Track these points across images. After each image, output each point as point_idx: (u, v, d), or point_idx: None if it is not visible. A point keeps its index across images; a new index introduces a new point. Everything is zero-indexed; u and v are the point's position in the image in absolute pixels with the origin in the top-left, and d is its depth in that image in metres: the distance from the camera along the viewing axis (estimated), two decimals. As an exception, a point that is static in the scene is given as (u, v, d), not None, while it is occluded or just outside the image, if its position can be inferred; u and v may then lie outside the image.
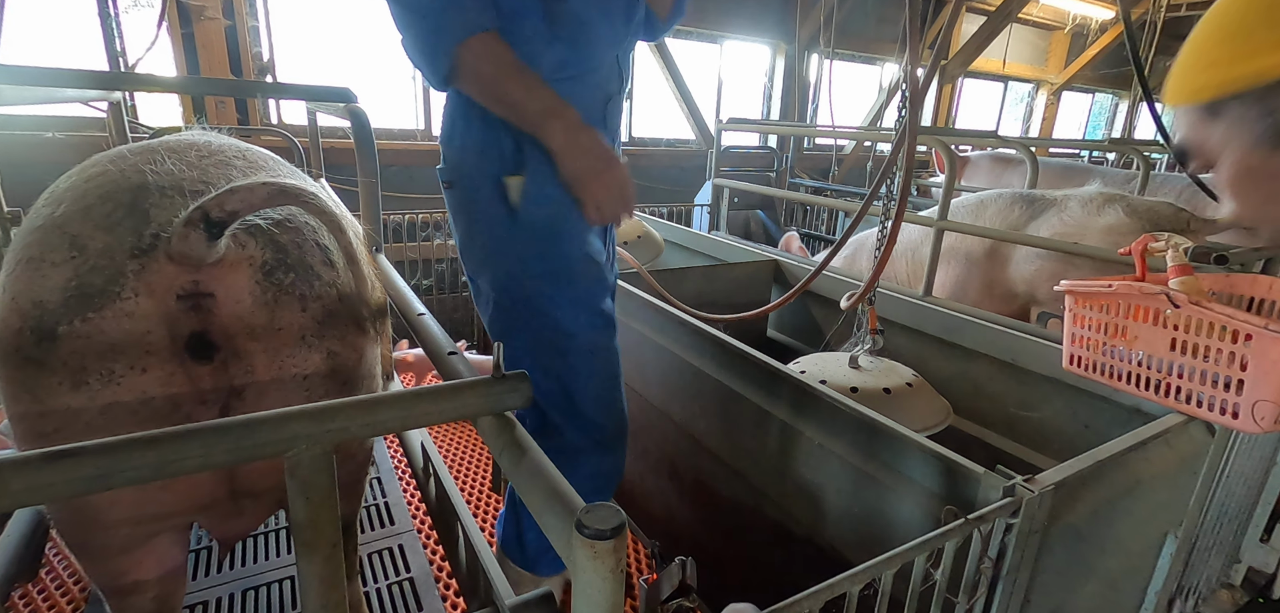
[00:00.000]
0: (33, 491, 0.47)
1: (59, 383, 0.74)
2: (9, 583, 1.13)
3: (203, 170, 0.90)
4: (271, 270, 0.85)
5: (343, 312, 0.92)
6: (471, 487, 2.23)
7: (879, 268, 1.44)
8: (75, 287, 0.76)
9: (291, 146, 3.16)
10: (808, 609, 0.76)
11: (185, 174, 0.87)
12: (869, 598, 0.82)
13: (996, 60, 7.53)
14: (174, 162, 0.88)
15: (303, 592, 0.62)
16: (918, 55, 1.57)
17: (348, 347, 0.93)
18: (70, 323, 0.74)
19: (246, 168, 0.95)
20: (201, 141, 0.97)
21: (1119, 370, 1.26)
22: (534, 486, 0.59)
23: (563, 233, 1.26)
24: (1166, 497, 1.29)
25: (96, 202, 0.81)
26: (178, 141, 0.95)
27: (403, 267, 3.55)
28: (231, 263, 0.82)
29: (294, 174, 1.05)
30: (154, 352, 0.77)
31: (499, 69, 1.11)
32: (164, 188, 0.84)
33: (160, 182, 0.85)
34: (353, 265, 0.98)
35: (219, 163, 0.93)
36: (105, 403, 0.75)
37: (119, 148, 0.94)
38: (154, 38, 3.49)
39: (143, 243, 0.79)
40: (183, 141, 0.95)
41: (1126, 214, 2.25)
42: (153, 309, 0.77)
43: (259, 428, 0.54)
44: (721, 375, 1.54)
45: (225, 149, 0.97)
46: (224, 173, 0.91)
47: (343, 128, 1.69)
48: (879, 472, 1.17)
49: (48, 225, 0.80)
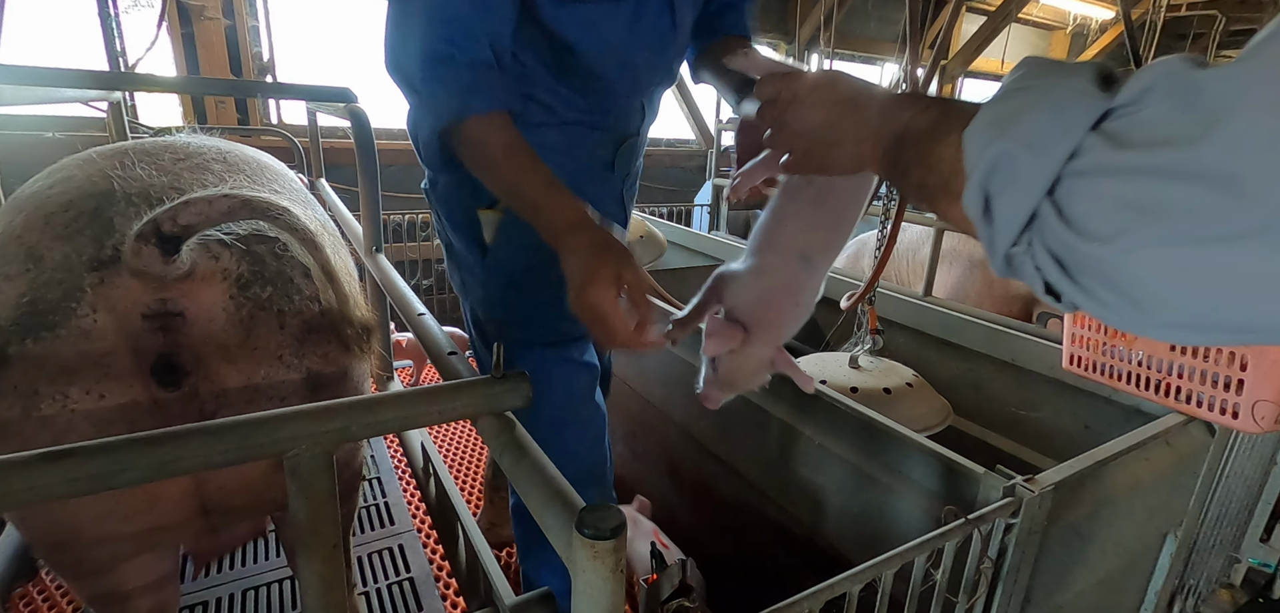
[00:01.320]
0: (33, 491, 0.47)
1: (9, 407, 0.68)
2: (9, 583, 1.12)
3: (175, 176, 0.82)
4: (247, 284, 0.78)
5: (324, 326, 0.86)
6: (471, 487, 2.23)
7: (879, 268, 1.44)
8: (27, 302, 0.69)
9: (291, 146, 3.16)
10: (808, 609, 0.76)
11: (154, 180, 0.80)
12: (869, 598, 0.82)
13: (996, 60, 7.53)
14: (145, 166, 0.82)
15: (303, 592, 0.62)
16: (918, 55, 1.57)
17: (330, 364, 0.86)
18: (21, 342, 0.68)
19: (225, 171, 0.89)
20: (180, 144, 0.90)
21: (1119, 370, 1.26)
22: (534, 486, 0.59)
23: (536, 281, 1.09)
24: (1166, 497, 1.29)
25: (57, 209, 0.75)
26: (154, 145, 0.89)
27: (403, 267, 3.55)
28: (203, 277, 0.75)
29: (282, 177, 0.99)
30: (114, 376, 0.70)
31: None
32: (130, 195, 0.77)
33: (127, 188, 0.78)
34: (332, 281, 0.90)
35: (195, 167, 0.86)
36: (58, 431, 0.69)
37: (90, 151, 0.88)
38: (154, 38, 3.49)
39: (103, 254, 0.72)
40: (159, 145, 0.89)
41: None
42: (113, 328, 0.71)
43: (259, 428, 0.54)
44: (721, 375, 1.53)
45: (204, 152, 0.91)
46: (198, 178, 0.85)
47: (343, 128, 1.69)
48: (879, 472, 1.17)
49: (5, 235, 0.74)
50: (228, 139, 1.08)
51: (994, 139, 0.45)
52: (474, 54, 0.86)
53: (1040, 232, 0.42)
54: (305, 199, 1.01)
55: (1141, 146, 0.36)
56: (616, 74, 1.00)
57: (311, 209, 1.08)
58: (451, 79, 0.85)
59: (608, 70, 0.99)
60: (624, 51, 0.97)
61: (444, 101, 0.86)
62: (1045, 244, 0.42)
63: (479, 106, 0.86)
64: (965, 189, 0.47)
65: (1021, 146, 0.42)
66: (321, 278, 0.87)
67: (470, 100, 0.86)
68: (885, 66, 6.98)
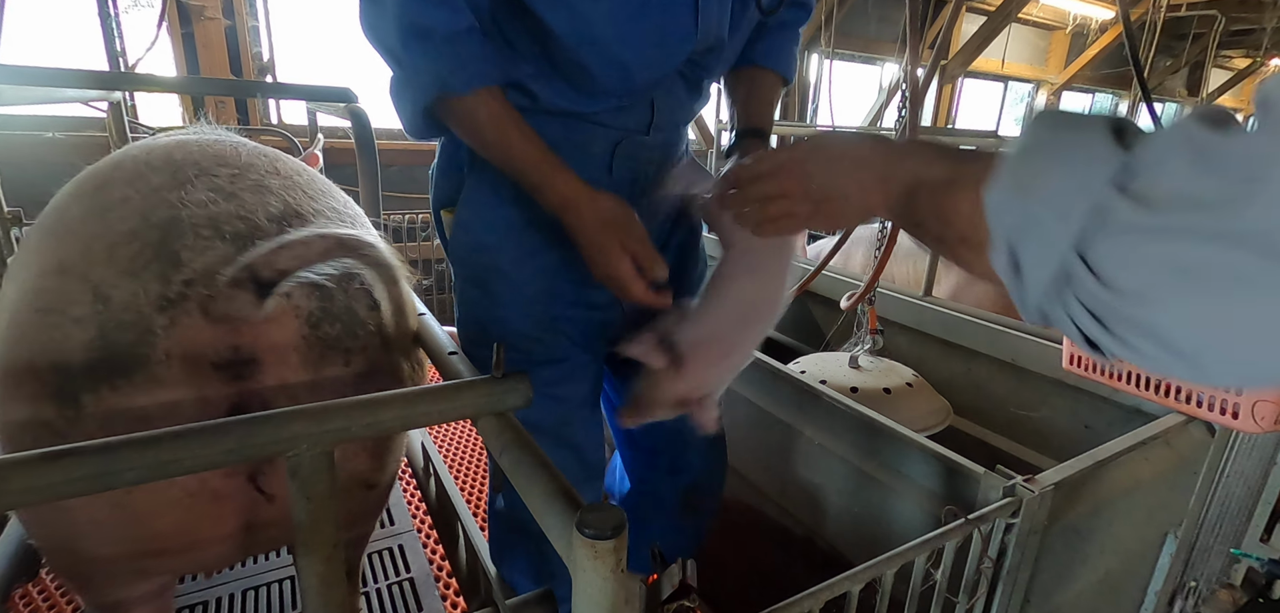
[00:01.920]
0: (33, 491, 0.47)
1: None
2: (9, 583, 1.12)
3: (238, 201, 0.76)
4: (318, 322, 0.74)
5: (385, 366, 0.82)
6: (471, 487, 2.23)
7: (879, 268, 1.44)
8: (99, 346, 0.64)
9: (292, 147, 3.16)
10: (808, 609, 0.76)
11: (219, 208, 0.74)
12: (869, 598, 0.82)
13: (996, 60, 7.53)
14: (205, 187, 0.75)
15: (303, 592, 0.62)
16: (918, 55, 1.57)
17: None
18: (96, 391, 0.64)
19: (283, 188, 0.82)
20: (230, 150, 0.84)
21: (1119, 370, 1.26)
22: (534, 486, 0.59)
23: (496, 296, 1.00)
24: (1166, 497, 1.29)
25: (121, 240, 0.69)
26: (203, 155, 0.81)
27: (403, 267, 3.55)
28: (276, 317, 0.70)
29: (331, 191, 0.92)
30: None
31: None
32: (197, 224, 0.72)
33: (193, 216, 0.72)
34: (400, 316, 0.86)
35: (253, 187, 0.80)
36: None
37: (133, 158, 0.80)
38: (154, 38, 3.49)
39: (170, 292, 0.66)
40: (209, 155, 0.81)
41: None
42: (182, 377, 0.66)
43: (260, 428, 0.54)
44: (721, 375, 1.54)
45: (256, 165, 0.84)
46: (261, 201, 0.78)
47: (343, 128, 1.69)
48: (879, 472, 1.17)
49: (63, 265, 0.68)
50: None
51: (1016, 199, 0.47)
52: (454, 24, 0.80)
53: (1074, 288, 0.43)
54: (354, 215, 0.95)
55: (1172, 208, 0.38)
56: (601, 69, 0.89)
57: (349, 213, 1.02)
58: (431, 54, 0.80)
59: (591, 63, 0.88)
60: (612, 47, 0.86)
61: (426, 78, 0.82)
62: (1080, 300, 0.43)
63: (460, 86, 0.82)
64: (991, 250, 0.49)
65: (1044, 207, 0.44)
66: (391, 314, 0.82)
67: (452, 78, 0.81)
68: (885, 66, 6.98)
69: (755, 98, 1.07)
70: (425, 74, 0.81)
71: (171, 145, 0.82)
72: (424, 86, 0.82)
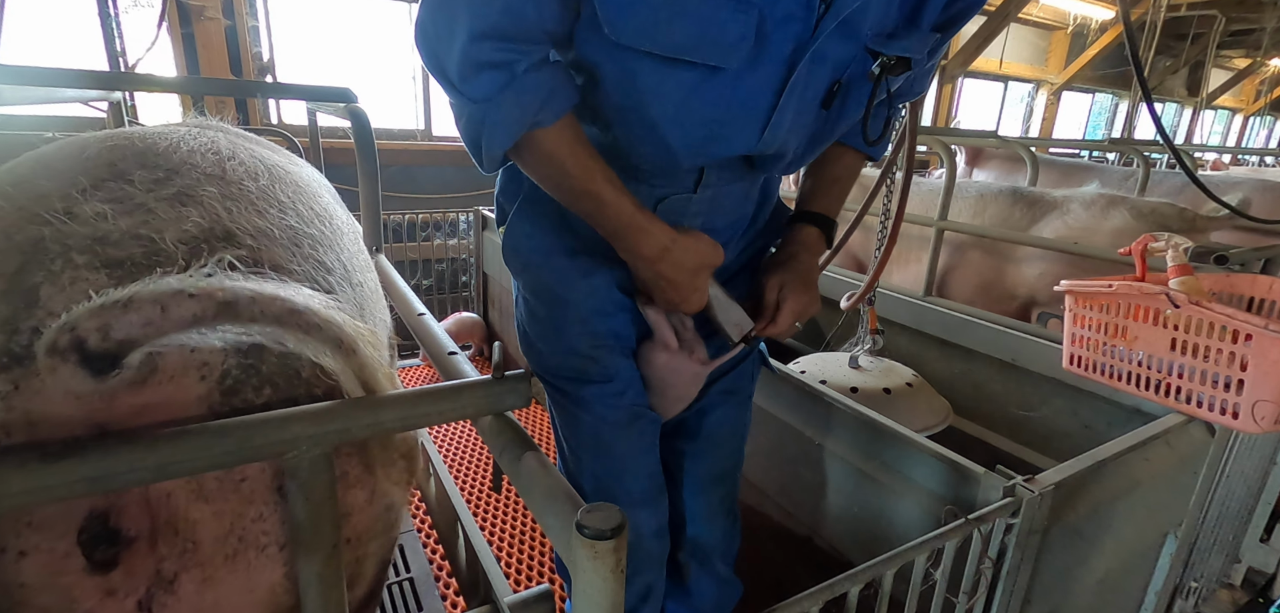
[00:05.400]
0: (32, 491, 0.46)
1: None
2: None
3: (146, 215, 0.56)
4: (236, 387, 0.54)
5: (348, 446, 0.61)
6: (471, 487, 2.23)
7: (879, 268, 1.44)
8: None
9: (292, 147, 3.16)
10: (808, 609, 0.76)
11: (110, 225, 0.54)
12: (869, 598, 0.82)
13: (996, 60, 7.53)
14: (104, 196, 0.56)
15: (303, 592, 0.62)
16: (918, 55, 1.57)
17: (351, 492, 0.61)
18: None
19: (219, 199, 0.62)
20: (169, 146, 0.65)
21: (1119, 370, 1.26)
22: (534, 486, 0.59)
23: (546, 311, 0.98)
24: (1166, 497, 1.29)
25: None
26: (130, 150, 0.63)
27: (403, 267, 3.55)
28: (171, 375, 0.51)
29: (314, 193, 0.78)
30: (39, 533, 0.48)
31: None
32: (72, 248, 0.52)
33: (68, 236, 0.53)
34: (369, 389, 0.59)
35: (175, 195, 0.59)
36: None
37: (58, 152, 0.64)
38: (154, 38, 3.49)
39: (15, 346, 0.48)
40: (136, 152, 0.63)
41: (1133, 217, 2.25)
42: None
43: (259, 429, 0.54)
44: (721, 375, 1.54)
45: (194, 165, 0.64)
46: (176, 215, 0.57)
47: (343, 128, 1.69)
48: (879, 472, 1.17)
49: None
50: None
51: None
52: (534, 56, 0.72)
53: None
54: (340, 228, 0.79)
55: None
56: (642, 138, 0.82)
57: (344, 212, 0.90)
58: (513, 93, 0.72)
59: (634, 129, 0.81)
60: (659, 126, 0.79)
61: (509, 117, 0.73)
62: None
63: (547, 120, 0.75)
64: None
65: None
66: (352, 384, 0.57)
67: (540, 115, 0.74)
68: (885, 66, 6.97)
69: (826, 176, 0.98)
70: (508, 115, 0.74)
71: (103, 138, 0.67)
72: (507, 125, 0.74)
